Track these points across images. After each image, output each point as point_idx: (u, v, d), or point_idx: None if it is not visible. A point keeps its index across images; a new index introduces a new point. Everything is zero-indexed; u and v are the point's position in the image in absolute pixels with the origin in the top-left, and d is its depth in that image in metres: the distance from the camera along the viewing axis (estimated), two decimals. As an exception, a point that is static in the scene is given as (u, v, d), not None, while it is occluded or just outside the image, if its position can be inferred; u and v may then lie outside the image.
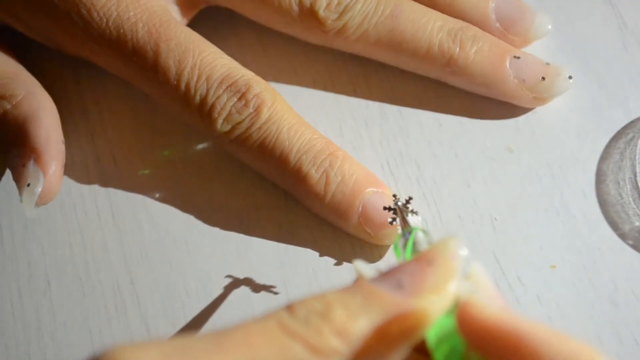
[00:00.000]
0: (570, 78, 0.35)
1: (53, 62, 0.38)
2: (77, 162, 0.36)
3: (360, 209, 0.32)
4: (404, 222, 0.29)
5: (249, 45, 0.37)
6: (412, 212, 0.30)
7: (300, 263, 0.34)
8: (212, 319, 0.33)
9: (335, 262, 0.34)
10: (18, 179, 0.32)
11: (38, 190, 0.32)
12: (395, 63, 0.37)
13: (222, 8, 0.38)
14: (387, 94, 0.37)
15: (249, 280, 0.33)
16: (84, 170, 0.36)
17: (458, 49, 0.35)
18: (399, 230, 0.32)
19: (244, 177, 0.36)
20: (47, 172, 0.32)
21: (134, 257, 0.34)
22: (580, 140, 0.35)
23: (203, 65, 0.33)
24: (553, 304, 0.32)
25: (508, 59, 0.35)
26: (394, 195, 0.31)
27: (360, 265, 0.23)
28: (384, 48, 0.36)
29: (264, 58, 0.37)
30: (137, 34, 0.33)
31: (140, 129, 0.37)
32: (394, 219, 0.31)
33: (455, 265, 0.21)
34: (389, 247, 0.34)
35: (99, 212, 0.35)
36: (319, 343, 0.20)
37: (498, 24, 0.36)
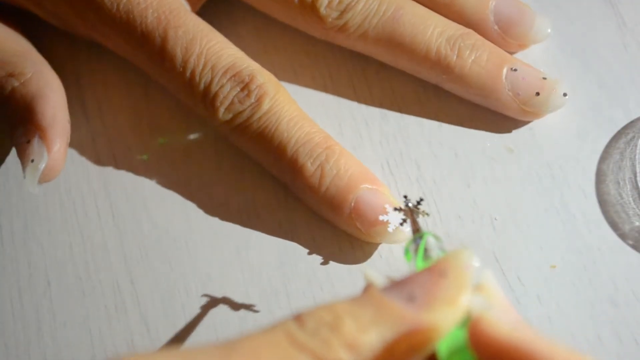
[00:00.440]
0: (565, 95, 0.34)
1: (52, 52, 0.38)
2: (73, 146, 0.37)
3: (353, 205, 0.32)
4: (415, 225, 0.28)
5: (249, 45, 0.37)
6: (423, 213, 0.29)
7: (300, 262, 0.34)
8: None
9: (322, 260, 0.34)
10: (22, 155, 0.32)
11: (41, 167, 0.32)
12: (394, 64, 0.37)
13: (223, 4, 0.38)
14: (387, 94, 0.37)
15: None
16: (81, 158, 0.36)
17: (455, 57, 0.34)
18: (406, 232, 0.31)
19: (244, 177, 0.36)
20: (51, 149, 0.32)
21: (134, 257, 0.34)
22: (580, 140, 0.35)
23: (209, 54, 0.33)
24: (553, 304, 0.32)
25: (505, 71, 0.34)
26: (405, 196, 0.30)
27: (371, 274, 0.22)
28: (383, 49, 0.36)
29: (264, 57, 0.37)
30: (146, 20, 0.34)
31: (138, 117, 0.37)
32: (405, 220, 0.30)
33: (469, 278, 0.21)
34: (385, 245, 0.34)
35: (99, 212, 0.35)
36: (328, 356, 0.19)
37: (496, 26, 0.36)
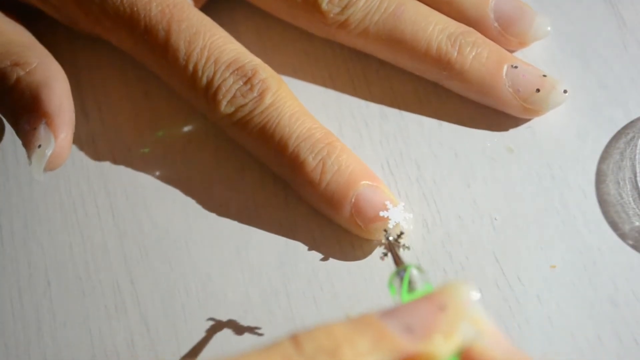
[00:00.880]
0: (566, 92, 0.34)
1: (52, 52, 0.38)
2: (73, 146, 0.36)
3: (353, 201, 0.32)
4: (397, 258, 0.29)
5: (250, 44, 0.37)
6: (404, 247, 0.30)
7: (300, 262, 0.34)
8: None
9: (322, 257, 0.34)
10: (28, 142, 0.32)
11: (48, 153, 0.31)
12: (394, 62, 0.37)
13: (225, 3, 0.38)
14: (387, 94, 0.37)
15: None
16: (81, 158, 0.37)
17: (456, 54, 0.35)
18: (406, 227, 0.31)
19: (244, 177, 0.36)
20: (58, 136, 0.32)
21: (134, 257, 0.34)
22: (580, 140, 0.35)
23: (212, 48, 0.34)
24: (553, 304, 0.32)
25: (505, 68, 0.35)
26: (385, 230, 0.31)
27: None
28: (384, 46, 0.36)
29: (265, 57, 0.37)
30: (150, 13, 0.34)
31: (138, 117, 0.37)
32: (385, 254, 0.30)
33: (468, 313, 0.21)
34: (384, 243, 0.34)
35: (99, 212, 0.35)
36: None
37: (496, 24, 0.36)
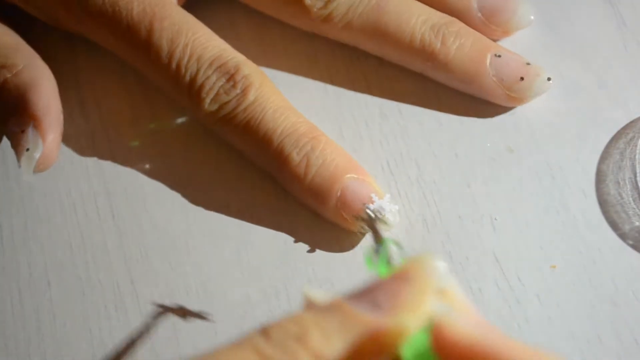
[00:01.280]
0: (549, 80, 0.35)
1: (51, 53, 0.38)
2: (73, 147, 0.37)
3: (339, 194, 0.32)
4: (376, 233, 0.28)
5: (248, 47, 0.37)
6: (382, 221, 0.30)
7: (300, 262, 0.34)
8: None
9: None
10: (17, 145, 0.32)
11: (37, 156, 0.32)
12: (380, 54, 0.37)
13: (222, 5, 0.38)
14: (387, 94, 0.37)
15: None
16: (81, 158, 0.36)
17: (439, 44, 0.35)
18: (393, 220, 0.32)
19: (244, 177, 0.36)
20: (46, 138, 0.32)
21: (134, 257, 0.34)
22: (580, 140, 0.35)
23: (195, 46, 0.33)
24: (553, 304, 0.32)
25: (489, 57, 0.35)
26: (365, 205, 0.31)
27: (312, 293, 0.22)
28: (368, 38, 0.36)
29: (263, 59, 0.38)
30: (132, 12, 0.34)
31: (137, 117, 0.37)
32: (365, 229, 0.31)
33: (433, 283, 0.21)
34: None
35: (99, 212, 0.35)
36: None
37: (480, 14, 0.36)
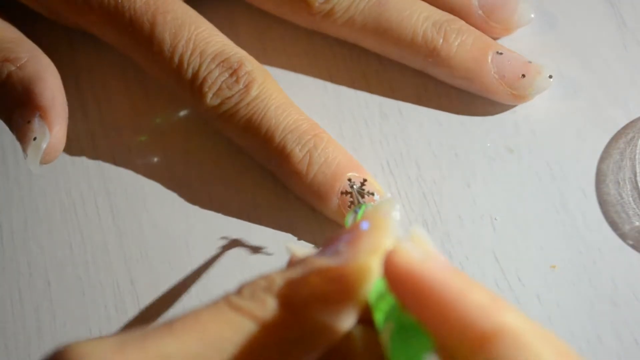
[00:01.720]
0: (551, 77, 0.35)
1: (52, 53, 0.38)
2: (73, 146, 0.37)
3: (340, 191, 0.33)
4: (357, 200, 0.31)
5: (249, 45, 0.37)
6: (368, 193, 0.32)
7: (300, 263, 0.34)
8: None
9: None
10: (23, 136, 0.32)
11: (44, 146, 0.31)
12: (380, 51, 0.37)
13: (223, 4, 0.38)
14: (387, 94, 0.37)
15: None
16: (81, 158, 0.36)
17: (441, 41, 0.35)
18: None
19: (244, 177, 0.36)
20: (52, 128, 0.32)
21: (134, 257, 0.34)
22: (580, 140, 0.35)
23: (198, 40, 0.33)
24: (553, 304, 0.32)
25: (490, 54, 0.35)
26: (349, 179, 0.32)
27: (294, 247, 0.24)
28: (370, 34, 0.36)
29: (264, 58, 0.38)
30: (134, 5, 0.34)
31: (138, 118, 0.37)
32: (352, 202, 0.32)
33: (388, 225, 0.22)
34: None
35: (99, 212, 0.35)
36: (264, 314, 0.20)
37: (480, 11, 0.36)
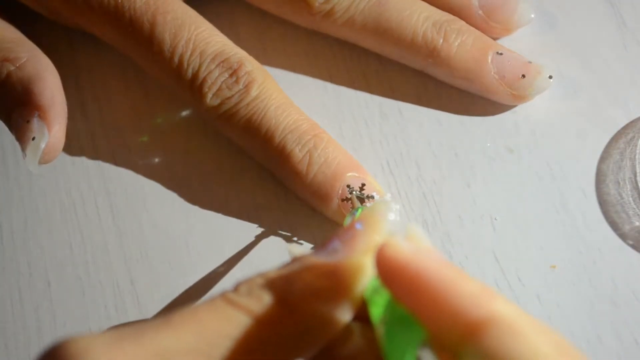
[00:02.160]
0: (551, 77, 0.35)
1: (52, 53, 0.38)
2: (73, 147, 0.37)
3: (340, 192, 0.33)
4: (355, 202, 0.32)
5: (249, 46, 0.37)
6: (367, 197, 0.32)
7: (300, 263, 0.34)
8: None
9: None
10: (22, 135, 0.32)
11: (42, 146, 0.31)
12: (380, 51, 0.37)
13: (223, 5, 0.38)
14: (387, 94, 0.37)
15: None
16: (81, 158, 0.36)
17: (442, 41, 0.35)
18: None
19: (244, 177, 0.36)
20: (51, 128, 0.32)
21: (134, 257, 0.34)
22: (580, 140, 0.35)
23: (198, 40, 0.34)
24: (553, 304, 0.32)
25: (490, 55, 0.35)
26: (348, 186, 0.32)
27: (296, 249, 0.24)
28: (370, 34, 0.36)
29: (264, 58, 0.38)
30: (134, 5, 0.34)
31: (138, 118, 0.37)
32: (352, 207, 0.32)
33: (383, 225, 0.22)
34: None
35: (99, 212, 0.35)
36: (259, 308, 0.21)
37: (480, 11, 0.36)
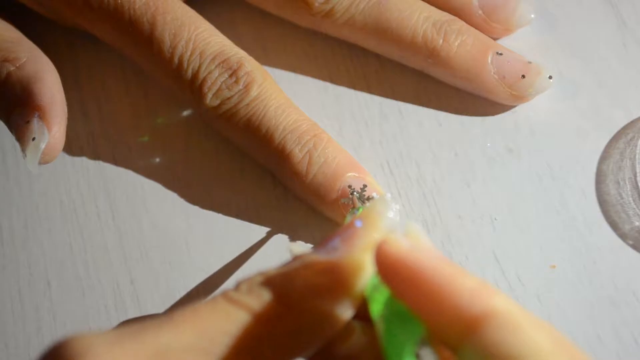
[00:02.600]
0: (551, 78, 0.35)
1: (52, 53, 0.38)
2: (73, 147, 0.37)
3: (340, 192, 0.33)
4: (355, 202, 0.32)
5: (249, 46, 0.37)
6: (368, 198, 0.32)
7: (300, 263, 0.34)
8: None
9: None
10: (22, 135, 0.32)
11: (42, 146, 0.31)
12: (380, 51, 0.37)
13: (223, 4, 0.38)
14: (387, 94, 0.37)
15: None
16: (81, 158, 0.36)
17: (442, 41, 0.35)
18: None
19: (244, 177, 0.36)
20: (51, 128, 0.32)
21: (134, 257, 0.34)
22: (580, 140, 0.35)
23: (198, 41, 0.34)
24: (553, 304, 0.32)
25: (490, 55, 0.35)
26: (349, 186, 0.32)
27: (297, 249, 0.24)
28: (370, 34, 0.36)
29: (264, 58, 0.38)
30: (134, 5, 0.34)
31: (137, 117, 0.37)
32: (353, 208, 0.32)
33: (383, 223, 0.22)
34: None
35: (99, 212, 0.35)
36: (259, 305, 0.21)
37: (481, 11, 0.36)
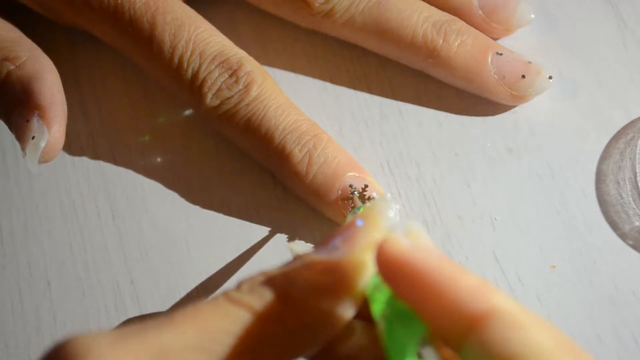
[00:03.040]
0: (551, 78, 0.35)
1: (52, 53, 0.38)
2: (73, 147, 0.37)
3: (340, 192, 0.33)
4: (356, 202, 0.32)
5: (249, 46, 0.37)
6: (369, 198, 0.32)
7: (300, 263, 0.34)
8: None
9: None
10: (22, 134, 0.32)
11: (42, 145, 0.31)
12: (380, 51, 0.37)
13: (223, 5, 0.38)
14: (387, 94, 0.37)
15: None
16: (81, 159, 0.36)
17: (442, 41, 0.35)
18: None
19: (244, 177, 0.36)
20: (51, 127, 0.32)
21: (134, 257, 0.34)
22: (580, 140, 0.35)
23: (198, 41, 0.33)
24: (553, 304, 0.32)
25: (490, 55, 0.35)
26: (350, 185, 0.32)
27: (297, 248, 0.24)
28: (370, 34, 0.36)
29: (264, 58, 0.38)
30: (134, 5, 0.34)
31: (137, 117, 0.37)
32: (353, 207, 0.32)
33: (383, 222, 0.23)
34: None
35: (99, 212, 0.35)
36: (260, 305, 0.21)
37: (481, 11, 0.36)
